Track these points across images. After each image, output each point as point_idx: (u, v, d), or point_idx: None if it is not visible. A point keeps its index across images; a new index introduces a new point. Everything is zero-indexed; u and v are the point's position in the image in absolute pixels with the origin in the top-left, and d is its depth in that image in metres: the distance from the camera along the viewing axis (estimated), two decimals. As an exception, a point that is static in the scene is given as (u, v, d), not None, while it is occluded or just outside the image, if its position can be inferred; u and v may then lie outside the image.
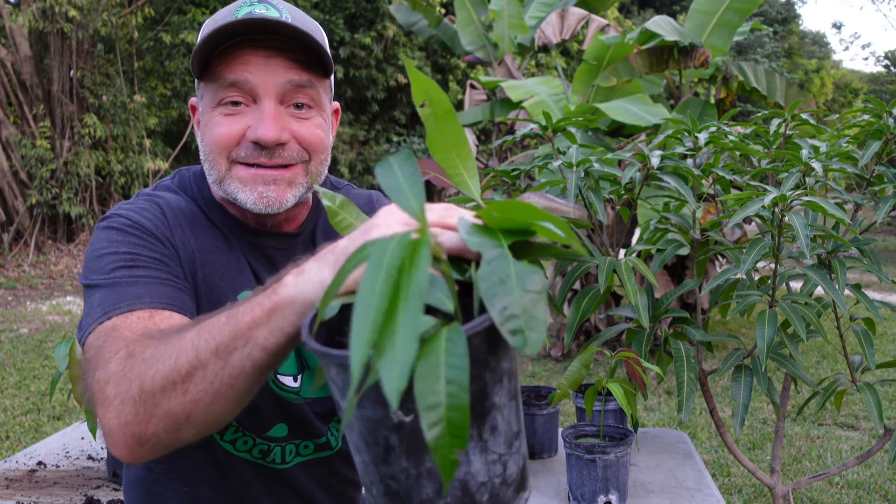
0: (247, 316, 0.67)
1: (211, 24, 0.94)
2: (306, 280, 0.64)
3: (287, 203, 0.96)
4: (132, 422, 0.70)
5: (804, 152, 1.67)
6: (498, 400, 0.51)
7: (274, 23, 0.89)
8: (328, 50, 0.96)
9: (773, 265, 1.54)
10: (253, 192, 0.94)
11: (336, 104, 1.07)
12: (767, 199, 1.41)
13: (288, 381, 1.00)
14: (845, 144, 1.79)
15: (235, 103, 0.93)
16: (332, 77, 1.02)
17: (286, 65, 0.93)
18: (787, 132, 1.86)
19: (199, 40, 0.92)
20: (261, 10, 0.91)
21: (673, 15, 21.85)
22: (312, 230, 1.07)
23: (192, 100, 1.04)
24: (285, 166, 0.95)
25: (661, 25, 5.61)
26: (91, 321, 0.83)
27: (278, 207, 0.95)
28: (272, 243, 1.03)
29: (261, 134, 0.91)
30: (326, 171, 1.02)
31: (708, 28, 6.11)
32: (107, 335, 0.80)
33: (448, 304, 0.48)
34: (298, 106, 0.96)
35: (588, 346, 1.53)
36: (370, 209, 1.12)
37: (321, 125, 0.97)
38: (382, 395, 0.46)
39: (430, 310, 0.48)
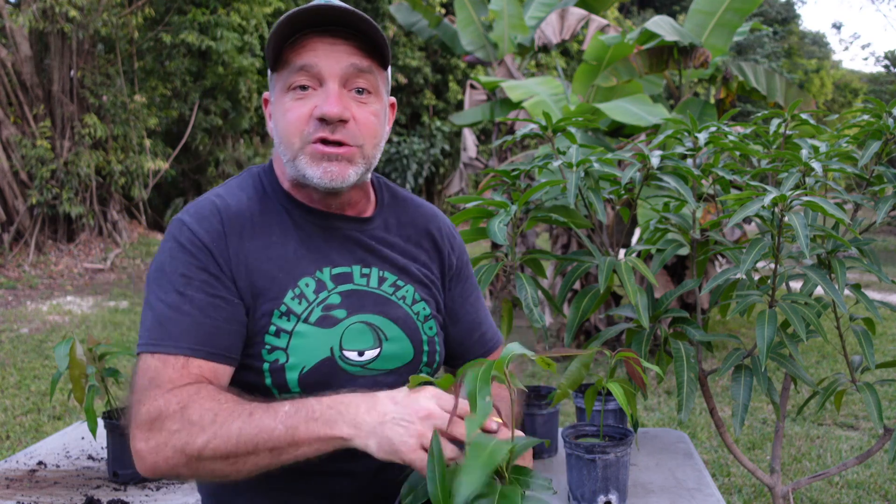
0: (302, 433, 0.89)
1: (283, 18, 1.04)
2: (356, 435, 0.89)
3: (348, 178, 1.07)
4: (177, 466, 0.93)
5: (804, 152, 1.67)
6: None
7: (338, 10, 1.00)
8: (387, 42, 1.07)
9: (773, 265, 1.54)
10: (319, 168, 1.05)
11: (392, 98, 1.17)
12: (767, 199, 1.41)
13: (352, 355, 1.08)
14: (845, 144, 1.79)
15: (303, 87, 1.04)
16: (389, 70, 1.13)
17: (349, 51, 1.04)
18: (787, 132, 1.86)
19: (270, 33, 1.03)
20: (325, 3, 1.02)
21: (673, 15, 21.84)
22: (385, 220, 1.20)
23: (266, 94, 1.15)
24: (342, 145, 1.05)
25: (661, 25, 5.61)
26: (143, 341, 1.02)
27: (341, 182, 1.06)
28: (342, 224, 1.13)
29: (326, 110, 1.02)
30: (379, 155, 1.13)
31: (708, 28, 6.11)
32: (151, 379, 0.98)
33: None
34: (360, 91, 1.06)
35: (588, 346, 1.53)
36: (438, 225, 1.25)
37: (377, 112, 1.09)
38: None
39: None
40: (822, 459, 3.71)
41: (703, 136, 1.75)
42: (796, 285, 1.80)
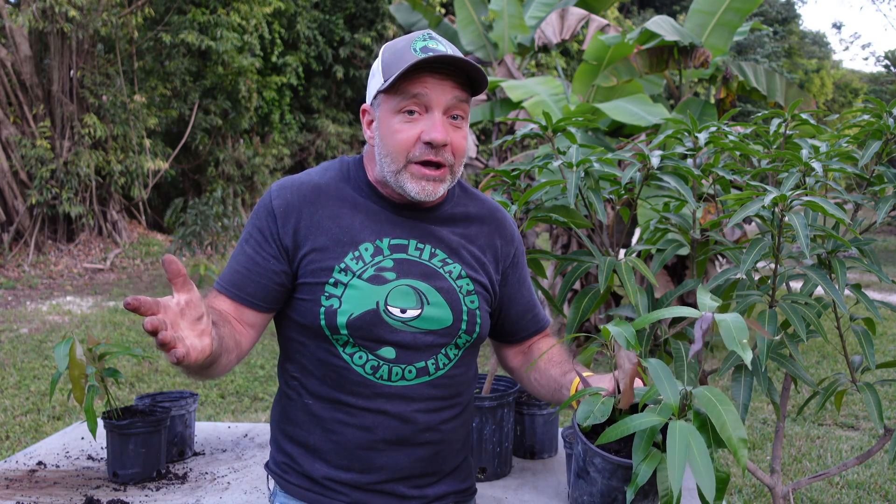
0: None
1: (396, 53, 1.26)
2: None
3: (438, 194, 1.30)
4: None
5: (804, 152, 1.67)
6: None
7: (449, 57, 1.23)
8: (486, 78, 1.29)
9: (773, 265, 1.54)
10: (417, 185, 1.27)
11: None
12: (767, 199, 1.41)
13: (396, 311, 1.27)
14: (845, 144, 1.79)
15: (411, 112, 1.26)
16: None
17: (453, 86, 1.27)
18: (787, 132, 1.86)
19: (390, 64, 1.26)
20: (433, 45, 1.25)
21: (673, 15, 21.84)
22: (450, 210, 1.40)
23: (365, 105, 1.36)
24: (440, 167, 1.28)
25: (661, 25, 5.61)
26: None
27: (433, 196, 1.29)
28: (409, 214, 1.35)
29: (434, 136, 1.25)
30: (461, 170, 1.34)
31: (708, 28, 6.11)
32: None
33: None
34: (454, 117, 1.29)
35: (588, 346, 1.53)
36: (498, 218, 1.44)
37: (465, 135, 1.32)
38: (626, 479, 0.98)
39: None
40: (822, 459, 3.71)
41: (703, 136, 1.75)
42: (796, 285, 1.80)
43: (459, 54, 1.28)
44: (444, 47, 1.26)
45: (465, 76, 1.28)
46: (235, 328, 1.26)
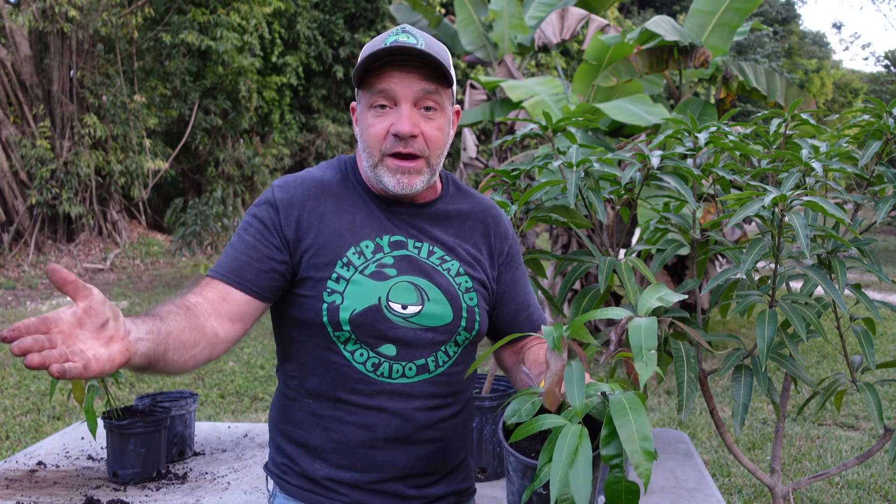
0: None
1: (368, 48, 1.28)
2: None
3: (416, 187, 1.31)
4: None
5: (804, 152, 1.67)
6: None
7: (411, 49, 1.25)
8: (451, 66, 1.31)
9: (773, 265, 1.54)
10: (393, 178, 1.30)
11: (457, 107, 1.41)
12: (767, 199, 1.41)
13: (397, 307, 1.28)
14: (845, 144, 1.79)
15: (382, 106, 1.29)
16: (455, 86, 1.36)
17: (419, 78, 1.27)
18: (787, 132, 1.86)
19: (359, 60, 1.28)
20: (403, 39, 1.27)
21: (673, 15, 21.84)
22: (444, 207, 1.41)
23: (353, 103, 1.38)
24: (414, 158, 1.30)
25: (661, 25, 5.60)
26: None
27: (410, 190, 1.31)
28: (404, 211, 1.37)
29: (400, 128, 1.27)
30: (443, 160, 1.36)
31: (708, 28, 6.11)
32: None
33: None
34: (427, 108, 1.30)
35: (587, 346, 1.53)
36: (492, 215, 1.45)
37: (441, 126, 1.32)
38: (534, 477, 0.95)
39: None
40: (822, 459, 3.71)
41: (703, 136, 1.75)
42: (796, 285, 1.80)
43: (435, 47, 1.29)
44: (416, 40, 1.27)
45: (434, 69, 1.28)
46: (210, 316, 1.19)
